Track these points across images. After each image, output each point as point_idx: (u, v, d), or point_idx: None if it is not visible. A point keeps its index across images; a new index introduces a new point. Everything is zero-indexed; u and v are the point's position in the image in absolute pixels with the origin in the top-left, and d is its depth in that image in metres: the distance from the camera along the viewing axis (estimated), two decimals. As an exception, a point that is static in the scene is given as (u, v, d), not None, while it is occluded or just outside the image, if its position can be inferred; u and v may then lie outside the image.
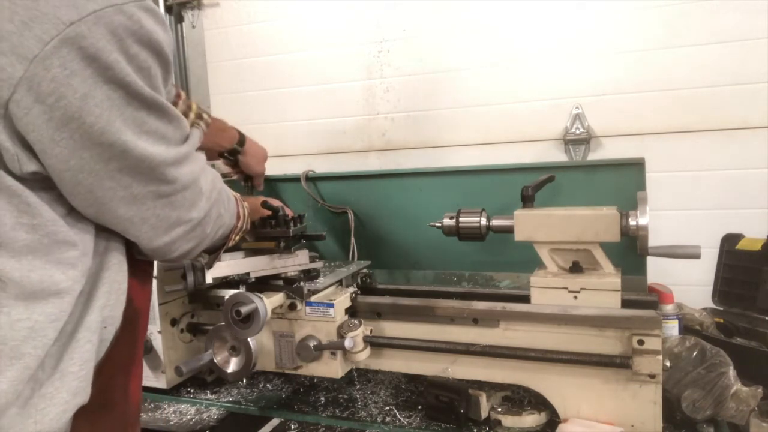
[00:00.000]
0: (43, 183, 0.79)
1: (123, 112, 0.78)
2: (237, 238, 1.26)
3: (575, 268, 1.42)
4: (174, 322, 1.63)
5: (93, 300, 0.86)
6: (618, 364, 1.26)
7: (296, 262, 1.54)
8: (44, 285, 0.77)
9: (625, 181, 1.68)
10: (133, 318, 0.95)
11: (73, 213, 0.83)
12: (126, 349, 0.94)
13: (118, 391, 0.95)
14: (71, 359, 0.83)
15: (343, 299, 1.51)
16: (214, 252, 1.29)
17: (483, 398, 1.40)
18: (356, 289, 1.61)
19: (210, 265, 1.36)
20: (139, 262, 0.97)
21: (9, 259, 0.75)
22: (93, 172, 0.79)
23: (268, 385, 1.71)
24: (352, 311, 1.56)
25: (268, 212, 1.46)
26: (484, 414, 1.40)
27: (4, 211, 0.75)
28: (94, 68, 0.73)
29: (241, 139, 1.72)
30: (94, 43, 0.72)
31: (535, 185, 1.54)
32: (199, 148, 1.01)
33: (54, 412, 0.80)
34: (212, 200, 1.02)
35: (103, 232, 0.88)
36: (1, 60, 0.69)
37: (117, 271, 0.90)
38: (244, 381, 1.72)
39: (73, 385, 0.82)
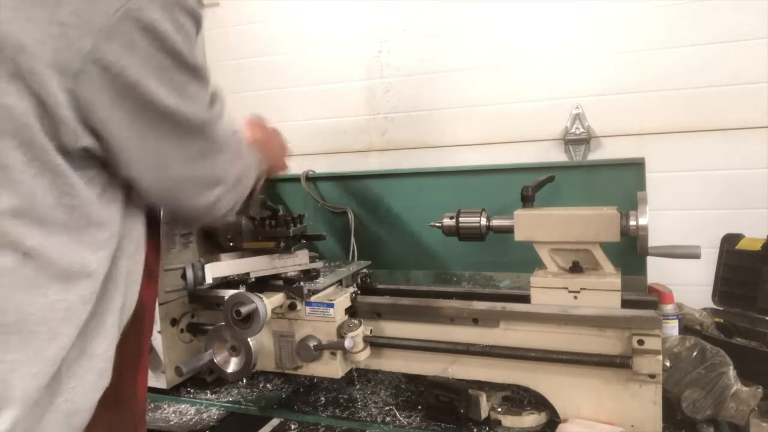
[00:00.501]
0: (86, 162, 0.81)
1: (173, 78, 0.83)
2: (261, 183, 1.30)
3: (575, 268, 1.42)
4: (174, 322, 1.63)
5: (116, 285, 0.88)
6: (618, 364, 1.26)
7: (296, 262, 1.54)
8: (78, 266, 0.80)
9: (625, 181, 1.68)
10: (141, 313, 0.96)
11: (105, 195, 0.85)
12: (134, 343, 0.96)
13: (128, 386, 0.96)
14: (98, 340, 0.85)
15: (343, 299, 1.51)
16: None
17: (483, 398, 1.40)
18: (356, 289, 1.61)
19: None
20: (147, 260, 0.98)
21: (48, 237, 0.77)
22: (152, 136, 0.84)
23: (268, 385, 1.71)
24: (352, 311, 1.56)
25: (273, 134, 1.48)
26: (484, 414, 1.40)
27: (47, 191, 0.77)
28: (150, 38, 0.78)
29: None
30: (151, 14, 0.77)
31: (535, 185, 1.54)
32: None
33: (82, 392, 0.82)
34: (244, 157, 1.08)
35: (128, 218, 0.91)
36: (71, 33, 0.73)
37: (134, 260, 0.93)
38: (244, 381, 1.72)
39: (98, 367, 0.85)
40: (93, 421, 0.85)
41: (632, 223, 1.35)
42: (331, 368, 1.48)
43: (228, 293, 1.45)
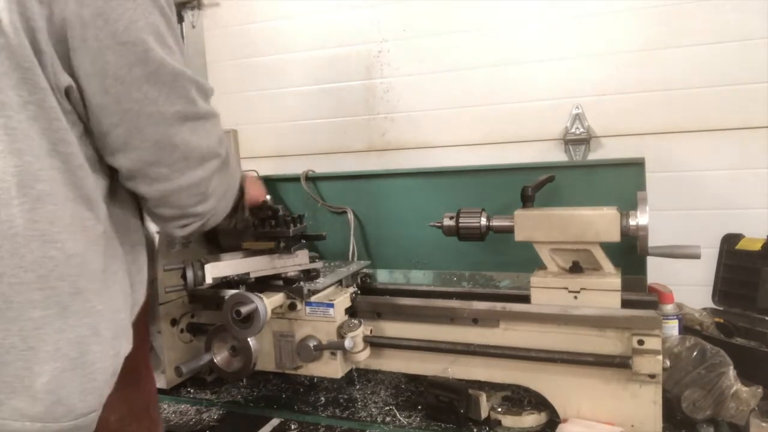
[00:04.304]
0: (73, 115, 0.80)
1: (147, 17, 0.81)
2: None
3: (575, 268, 1.42)
4: (174, 322, 1.63)
5: (121, 249, 0.89)
6: (618, 364, 1.26)
7: (296, 262, 1.54)
8: (79, 218, 0.79)
9: (625, 181, 1.68)
10: (149, 296, 0.99)
11: (93, 160, 0.84)
12: (143, 324, 0.98)
13: (140, 363, 0.98)
14: (118, 302, 0.86)
15: (343, 299, 1.51)
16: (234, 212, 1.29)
17: (483, 398, 1.40)
18: (356, 289, 1.61)
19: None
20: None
21: (50, 184, 0.76)
22: (119, 79, 0.80)
23: (268, 385, 1.71)
24: (352, 311, 1.56)
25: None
26: (484, 414, 1.40)
27: (43, 135, 0.76)
28: None
29: None
30: None
31: (535, 185, 1.54)
32: None
33: (102, 352, 0.83)
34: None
35: (120, 193, 0.90)
36: None
37: (136, 234, 0.94)
38: (244, 381, 1.72)
39: (121, 328, 0.86)
40: (114, 393, 0.86)
41: (632, 223, 1.35)
42: (331, 368, 1.48)
43: (228, 293, 1.45)
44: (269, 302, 1.41)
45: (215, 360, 1.50)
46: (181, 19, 2.95)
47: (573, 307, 1.36)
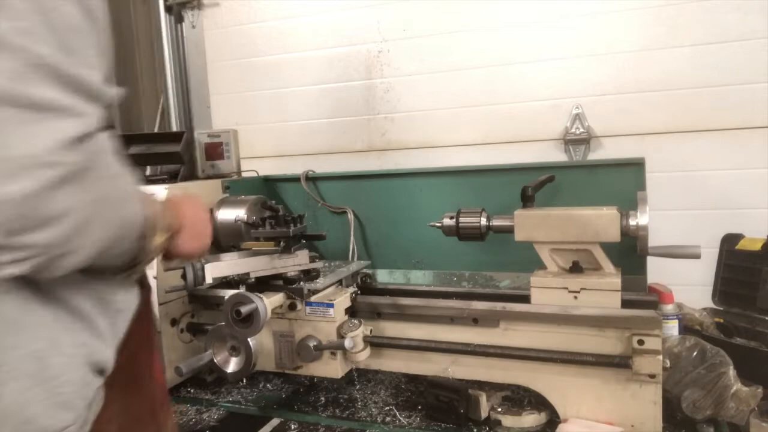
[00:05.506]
0: None
1: None
2: (160, 241, 0.87)
3: (575, 268, 1.42)
4: (174, 322, 1.63)
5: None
6: (618, 364, 1.26)
7: (296, 262, 1.54)
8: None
9: (625, 181, 1.68)
10: (146, 297, 0.95)
11: None
12: (144, 327, 0.94)
13: (143, 368, 0.95)
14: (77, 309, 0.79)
15: (343, 299, 1.51)
16: (132, 266, 0.85)
17: (483, 398, 1.40)
18: (356, 289, 1.61)
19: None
20: None
21: None
22: None
23: (268, 385, 1.71)
24: (352, 311, 1.56)
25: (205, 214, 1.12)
26: (484, 414, 1.40)
27: None
28: None
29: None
30: None
31: (535, 185, 1.54)
32: None
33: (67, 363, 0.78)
34: (88, 151, 0.68)
35: None
36: None
37: None
38: (244, 381, 1.72)
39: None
40: (108, 402, 0.83)
41: (632, 223, 1.35)
42: (331, 368, 1.48)
43: (228, 293, 1.45)
44: (269, 302, 1.41)
45: (215, 360, 1.50)
46: (181, 19, 2.95)
47: (573, 307, 1.36)
